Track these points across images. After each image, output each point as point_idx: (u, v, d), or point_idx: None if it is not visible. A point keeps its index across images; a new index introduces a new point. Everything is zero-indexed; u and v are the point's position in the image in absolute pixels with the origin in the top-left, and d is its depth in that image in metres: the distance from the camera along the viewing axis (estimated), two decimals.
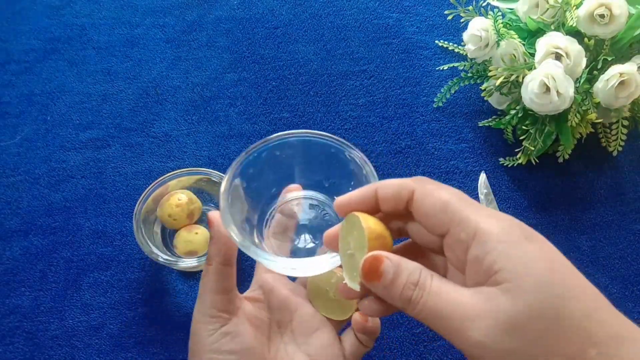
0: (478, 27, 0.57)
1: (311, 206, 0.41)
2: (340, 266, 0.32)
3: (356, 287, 0.29)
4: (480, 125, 0.61)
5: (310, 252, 0.40)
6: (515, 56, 0.55)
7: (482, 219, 0.26)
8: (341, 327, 0.40)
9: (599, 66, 0.53)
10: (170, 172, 0.53)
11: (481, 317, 0.24)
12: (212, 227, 0.35)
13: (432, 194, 0.28)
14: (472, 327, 0.24)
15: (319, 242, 0.40)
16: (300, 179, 0.40)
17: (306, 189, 0.40)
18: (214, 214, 0.35)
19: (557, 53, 0.51)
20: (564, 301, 0.24)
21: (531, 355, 0.24)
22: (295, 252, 0.40)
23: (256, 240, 0.38)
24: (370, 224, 0.28)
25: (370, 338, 0.38)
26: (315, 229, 0.40)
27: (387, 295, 0.27)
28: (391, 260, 0.27)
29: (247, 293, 0.40)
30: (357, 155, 0.36)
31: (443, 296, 0.25)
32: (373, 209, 0.30)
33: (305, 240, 0.40)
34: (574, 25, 0.52)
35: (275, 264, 0.33)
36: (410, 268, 0.27)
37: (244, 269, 0.54)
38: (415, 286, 0.26)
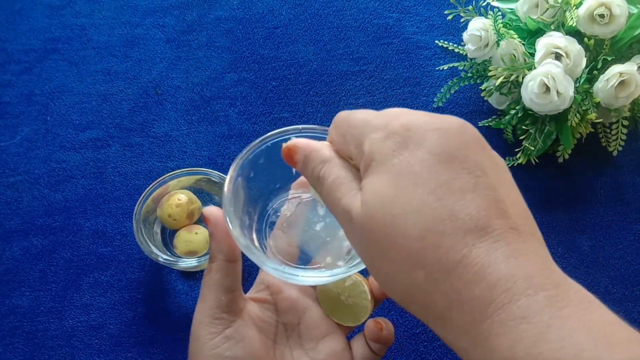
0: (478, 27, 0.57)
1: (319, 204, 0.39)
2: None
3: None
4: (480, 125, 0.61)
5: (313, 252, 0.39)
6: (515, 56, 0.55)
7: (369, 136, 0.26)
8: (350, 331, 0.39)
9: (599, 66, 0.53)
10: (170, 172, 0.53)
11: (347, 215, 0.26)
12: (210, 223, 0.33)
13: (337, 128, 0.29)
14: (343, 221, 0.26)
15: (324, 241, 0.39)
16: None
17: None
18: (210, 211, 0.33)
19: (557, 53, 0.51)
20: (398, 220, 0.23)
21: (372, 262, 0.25)
22: (299, 252, 0.39)
23: (254, 236, 0.37)
24: None
25: (384, 346, 0.37)
26: (321, 228, 0.39)
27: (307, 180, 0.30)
28: (301, 151, 0.30)
29: (251, 293, 0.38)
30: None
31: (334, 192, 0.27)
32: None
33: (310, 241, 0.39)
34: (574, 25, 0.52)
35: (281, 274, 0.32)
36: (315, 161, 0.29)
37: (245, 267, 0.54)
38: (318, 179, 0.29)
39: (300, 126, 0.36)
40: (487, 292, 0.22)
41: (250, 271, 0.53)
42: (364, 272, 0.34)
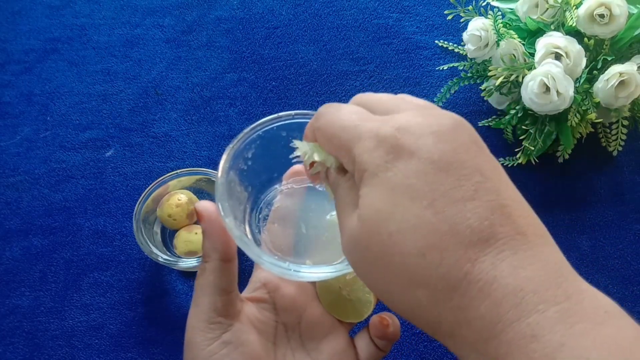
0: (478, 27, 0.57)
1: (314, 194, 0.37)
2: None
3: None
4: (480, 125, 0.61)
5: (309, 246, 0.37)
6: (515, 56, 0.55)
7: (359, 145, 0.24)
8: (353, 326, 0.37)
9: (599, 66, 0.53)
10: (170, 172, 0.53)
11: (346, 229, 0.25)
12: (203, 220, 0.31)
13: (322, 132, 0.27)
14: (342, 233, 0.25)
15: (321, 234, 0.37)
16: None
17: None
18: (203, 206, 0.31)
19: (557, 53, 0.51)
20: (395, 238, 0.22)
21: (371, 278, 0.24)
22: (295, 246, 0.37)
23: (247, 231, 0.35)
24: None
25: (390, 343, 0.35)
26: (317, 220, 0.37)
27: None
28: (320, 165, 0.28)
29: (247, 292, 0.36)
30: None
31: (341, 202, 0.26)
32: None
33: (306, 233, 0.37)
34: (574, 25, 0.52)
35: (279, 269, 0.30)
36: (331, 179, 0.28)
37: (241, 266, 0.54)
38: (335, 187, 0.28)
39: (293, 112, 0.34)
40: (493, 309, 0.21)
41: (243, 270, 0.53)
42: None
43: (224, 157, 0.32)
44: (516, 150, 0.58)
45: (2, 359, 0.50)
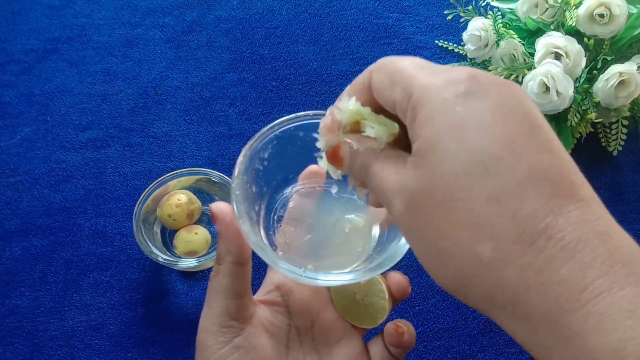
0: (478, 27, 0.57)
1: (329, 196, 0.37)
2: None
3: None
4: None
5: (321, 249, 0.36)
6: (514, 56, 0.55)
7: (423, 78, 0.22)
8: (366, 332, 0.37)
9: (599, 66, 0.53)
10: (170, 172, 0.53)
11: (395, 194, 0.22)
12: (218, 221, 0.30)
13: (382, 69, 0.24)
14: (391, 204, 0.22)
15: (333, 237, 0.36)
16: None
17: (328, 179, 0.36)
18: (218, 207, 0.30)
19: (556, 53, 0.51)
20: (462, 180, 0.19)
21: (426, 237, 0.21)
22: (308, 249, 0.36)
23: (261, 232, 0.35)
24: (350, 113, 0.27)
25: (404, 351, 0.34)
26: (331, 223, 0.36)
27: (355, 178, 0.27)
28: (347, 145, 0.26)
29: (260, 295, 0.36)
30: None
31: (379, 175, 0.23)
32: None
33: (318, 236, 0.36)
34: (574, 25, 0.52)
35: (295, 275, 0.29)
36: (362, 150, 0.25)
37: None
38: (366, 168, 0.25)
39: (311, 112, 0.33)
40: (578, 274, 0.18)
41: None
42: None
43: (240, 157, 0.32)
44: None
45: (2, 359, 0.50)
